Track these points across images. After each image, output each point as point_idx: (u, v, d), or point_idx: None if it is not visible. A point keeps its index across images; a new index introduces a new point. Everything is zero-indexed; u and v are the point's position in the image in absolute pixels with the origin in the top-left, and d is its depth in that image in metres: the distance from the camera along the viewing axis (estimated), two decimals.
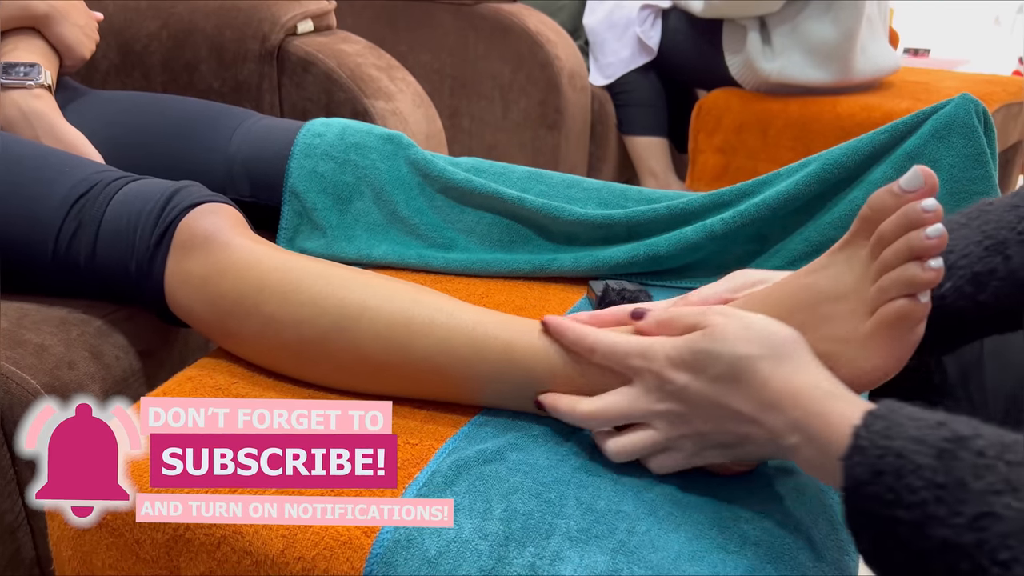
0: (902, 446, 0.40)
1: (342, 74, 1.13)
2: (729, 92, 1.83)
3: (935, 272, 0.49)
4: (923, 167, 0.50)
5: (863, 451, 0.41)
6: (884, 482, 0.39)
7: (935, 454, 0.39)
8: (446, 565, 0.47)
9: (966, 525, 0.37)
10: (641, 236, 0.81)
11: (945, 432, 0.40)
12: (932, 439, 0.39)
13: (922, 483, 0.38)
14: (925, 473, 0.39)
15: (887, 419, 0.41)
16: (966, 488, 0.37)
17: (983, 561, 0.36)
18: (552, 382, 0.58)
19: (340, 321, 0.61)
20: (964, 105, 0.74)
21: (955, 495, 0.37)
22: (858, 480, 0.40)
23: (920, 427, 0.40)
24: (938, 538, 0.37)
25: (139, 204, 0.69)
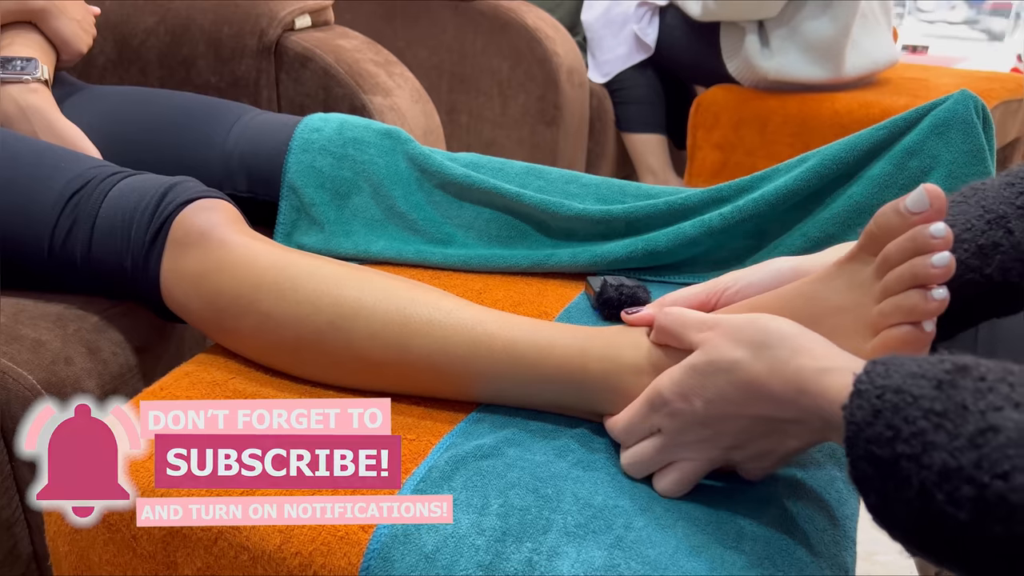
0: (900, 382, 0.39)
1: (340, 69, 1.13)
2: (727, 89, 1.83)
3: (938, 303, 0.48)
4: (930, 186, 0.49)
5: (862, 394, 0.40)
6: (883, 419, 0.38)
7: (935, 384, 0.38)
8: (443, 560, 0.47)
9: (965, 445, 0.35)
10: (639, 231, 0.81)
11: (946, 365, 0.38)
12: (932, 372, 0.38)
13: (920, 412, 0.37)
14: (923, 403, 0.37)
15: (887, 363, 0.40)
16: (966, 410, 0.36)
17: (983, 478, 0.34)
18: (556, 379, 0.58)
19: (336, 320, 0.61)
20: (963, 101, 0.74)
21: (954, 419, 0.36)
22: (858, 424, 0.39)
23: (921, 363, 0.39)
24: (938, 464, 0.36)
25: (134, 200, 0.68)
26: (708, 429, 0.50)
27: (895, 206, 0.50)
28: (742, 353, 0.47)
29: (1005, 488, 0.34)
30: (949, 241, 0.48)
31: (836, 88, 1.76)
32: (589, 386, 0.57)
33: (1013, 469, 0.34)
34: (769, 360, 0.46)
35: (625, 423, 0.54)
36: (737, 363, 0.47)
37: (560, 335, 0.59)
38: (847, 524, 0.55)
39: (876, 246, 0.51)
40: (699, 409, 0.49)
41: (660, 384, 0.52)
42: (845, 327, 0.52)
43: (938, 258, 0.48)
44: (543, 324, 0.60)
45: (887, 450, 0.38)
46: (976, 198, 0.56)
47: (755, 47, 1.74)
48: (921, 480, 0.36)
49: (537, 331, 0.59)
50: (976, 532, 0.35)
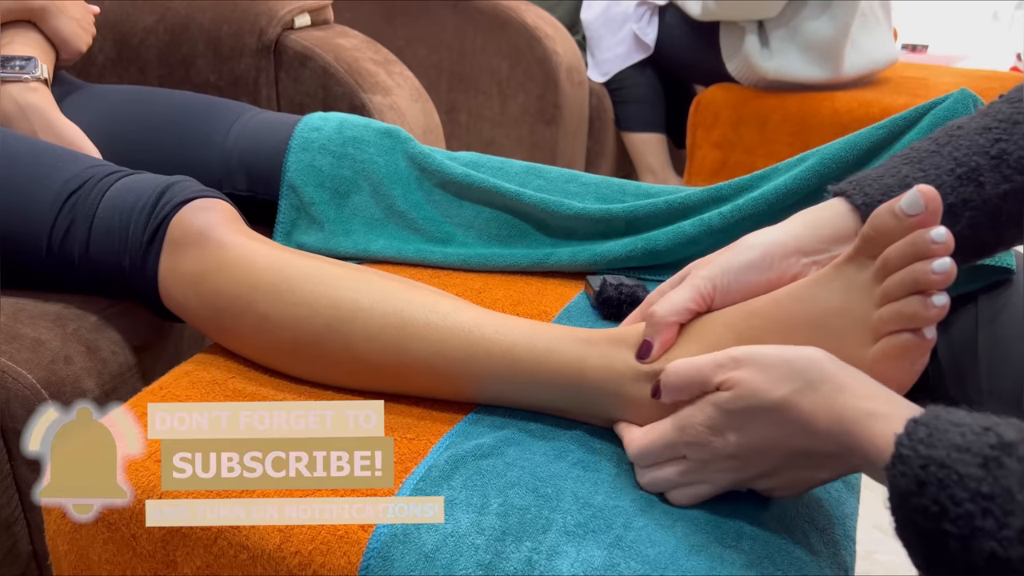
0: (945, 455, 0.38)
1: (339, 68, 1.13)
2: (727, 88, 1.83)
3: (938, 310, 0.47)
4: (924, 187, 0.48)
5: (905, 461, 0.39)
6: (928, 493, 0.38)
7: (980, 463, 0.37)
8: (443, 559, 0.47)
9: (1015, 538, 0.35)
10: (639, 230, 0.81)
11: (990, 439, 0.38)
12: (977, 447, 0.38)
13: (967, 495, 0.37)
14: (970, 484, 0.37)
15: (929, 426, 0.39)
16: (1013, 499, 0.36)
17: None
18: (555, 384, 0.58)
19: (333, 322, 0.61)
20: (963, 100, 0.73)
21: (1002, 506, 0.36)
22: (903, 491, 0.39)
23: (964, 433, 0.38)
24: (986, 551, 0.36)
25: (132, 200, 0.68)
26: (738, 461, 0.49)
27: (890, 208, 0.49)
28: (784, 392, 0.46)
29: None
30: (950, 246, 0.47)
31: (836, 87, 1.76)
32: (588, 391, 0.57)
33: None
34: (813, 397, 0.45)
35: (646, 447, 0.52)
36: (781, 403, 0.46)
37: (559, 340, 0.58)
38: (846, 523, 0.55)
39: (873, 248, 0.50)
40: (731, 443, 0.48)
41: (689, 418, 0.50)
42: (845, 332, 0.51)
43: (938, 264, 0.47)
44: (542, 328, 0.60)
45: (933, 525, 0.38)
46: (949, 147, 0.55)
47: (755, 47, 1.74)
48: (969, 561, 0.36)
49: (536, 335, 0.59)
50: None
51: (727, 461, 0.49)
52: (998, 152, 0.53)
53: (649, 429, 0.53)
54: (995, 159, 0.53)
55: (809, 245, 0.57)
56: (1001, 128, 0.54)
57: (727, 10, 1.72)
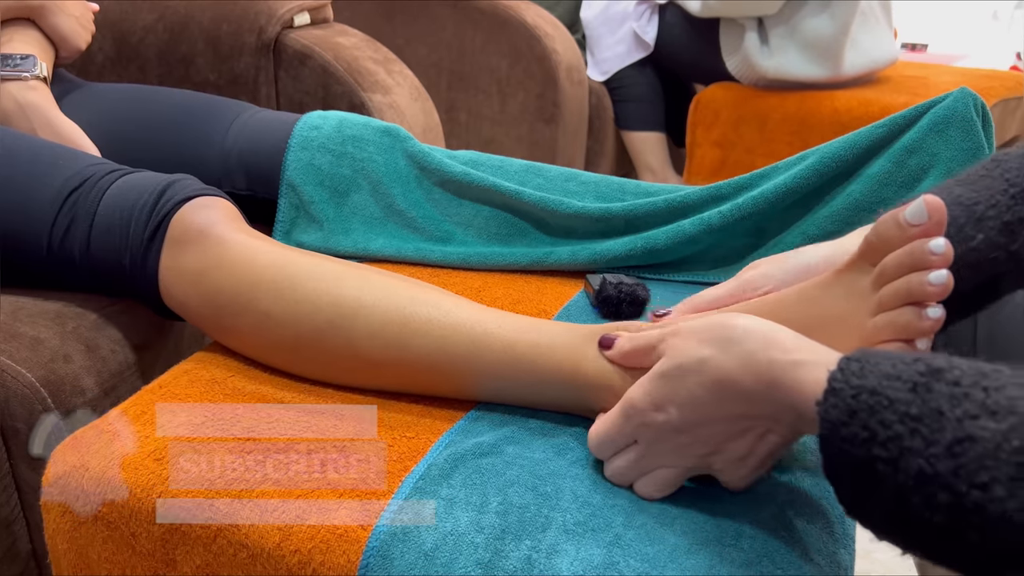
0: (876, 383, 0.38)
1: (339, 67, 1.13)
2: (727, 86, 1.83)
3: (932, 322, 0.47)
4: (930, 197, 0.48)
5: (837, 393, 0.39)
6: (859, 420, 0.38)
7: (910, 387, 0.37)
8: (442, 558, 0.47)
9: (943, 453, 0.35)
10: (639, 229, 0.81)
11: (920, 366, 0.38)
12: (907, 374, 0.38)
13: (896, 417, 0.37)
14: (899, 407, 0.37)
15: (861, 360, 0.40)
16: (942, 416, 0.36)
17: (961, 487, 0.34)
18: (555, 379, 0.58)
19: (335, 319, 0.61)
20: (962, 99, 0.74)
21: (930, 425, 0.36)
22: (833, 423, 0.39)
23: (895, 364, 0.39)
24: (914, 470, 0.36)
25: (132, 198, 0.68)
26: (683, 436, 0.49)
27: (895, 217, 0.49)
28: (709, 351, 0.46)
29: (983, 498, 0.34)
30: (948, 258, 0.47)
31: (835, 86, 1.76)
32: (587, 386, 0.57)
33: (992, 480, 0.34)
34: (738, 355, 0.45)
35: (600, 436, 0.52)
36: (705, 361, 0.46)
37: (559, 335, 0.58)
38: (845, 522, 0.55)
39: (875, 255, 0.50)
40: (673, 416, 0.48)
41: (632, 395, 0.50)
42: (840, 337, 0.51)
43: (935, 276, 0.47)
44: (542, 324, 0.60)
45: (862, 451, 0.38)
46: (1000, 171, 0.55)
47: (754, 45, 1.74)
48: (897, 483, 0.37)
49: (536, 331, 0.59)
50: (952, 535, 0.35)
51: (673, 437, 0.49)
52: None
53: (601, 419, 0.53)
54: None
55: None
56: None
57: (727, 7, 1.72)
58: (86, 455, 0.55)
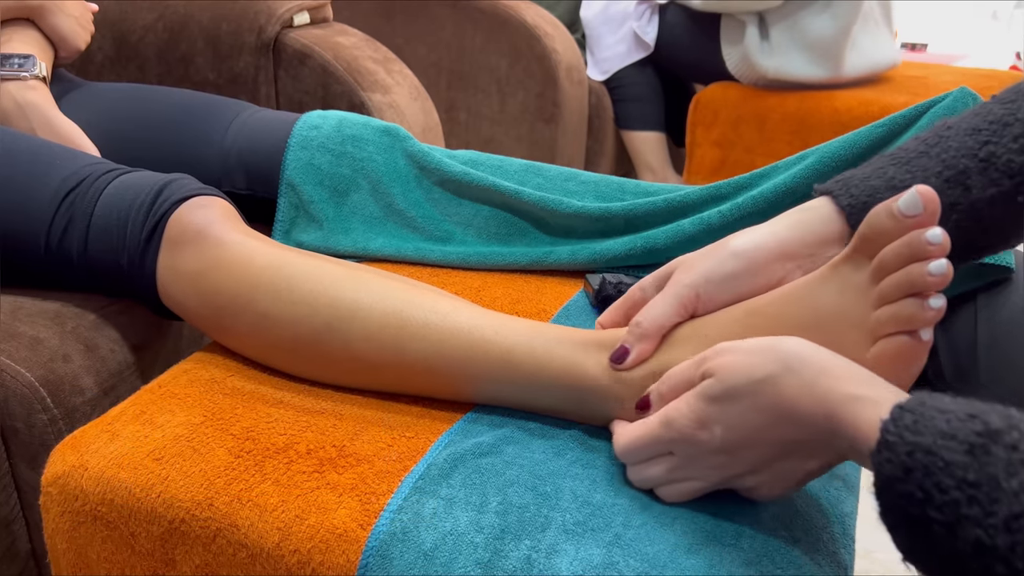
0: (931, 442, 0.37)
1: (338, 67, 1.13)
2: (727, 86, 1.83)
3: (935, 312, 0.47)
4: (923, 187, 0.48)
5: (891, 447, 0.39)
6: (914, 480, 0.37)
7: (966, 450, 0.37)
8: (442, 558, 0.47)
9: (1000, 526, 0.35)
10: (639, 229, 0.81)
11: (976, 426, 0.37)
12: (963, 434, 0.37)
13: (953, 482, 0.36)
14: (956, 471, 0.36)
15: (915, 413, 0.39)
16: (999, 487, 0.35)
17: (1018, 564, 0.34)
18: (554, 386, 0.57)
19: (332, 321, 0.61)
20: (962, 99, 0.73)
21: (988, 494, 0.36)
22: (888, 477, 0.38)
23: (950, 420, 0.38)
24: (972, 539, 0.35)
25: (129, 198, 0.68)
26: (724, 456, 0.48)
27: (888, 207, 0.49)
28: (765, 373, 0.45)
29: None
30: (946, 248, 0.47)
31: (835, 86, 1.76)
32: (586, 395, 0.57)
33: None
34: (795, 381, 0.44)
35: (632, 443, 0.52)
36: (762, 384, 0.45)
37: (558, 343, 0.58)
38: (846, 522, 0.55)
39: (870, 248, 0.50)
40: (717, 437, 0.47)
41: (675, 412, 0.49)
42: (842, 334, 0.51)
43: (935, 266, 0.47)
44: (541, 330, 0.60)
45: (918, 511, 0.37)
46: (938, 149, 0.55)
47: (755, 44, 1.73)
48: (954, 547, 0.36)
49: (535, 337, 0.58)
50: None
51: (714, 456, 0.48)
52: (986, 155, 0.53)
53: (637, 425, 0.52)
54: (983, 162, 0.53)
55: (793, 249, 0.57)
56: (991, 130, 0.54)
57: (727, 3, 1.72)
58: (85, 455, 0.55)
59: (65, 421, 0.66)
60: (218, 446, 0.55)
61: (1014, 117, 0.53)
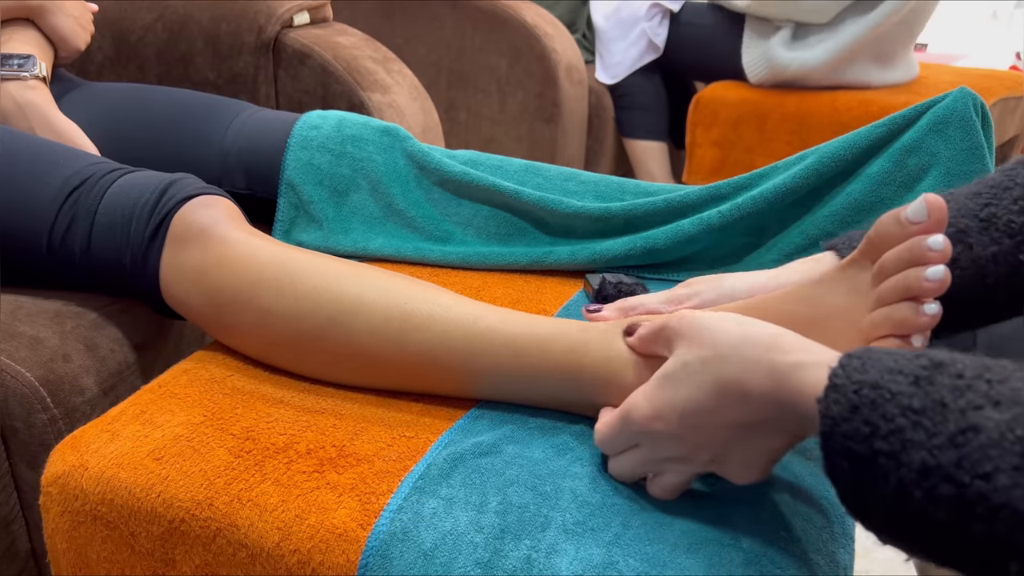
0: (878, 377, 0.38)
1: (338, 66, 1.13)
2: (727, 85, 1.83)
3: (929, 318, 0.47)
4: (932, 196, 0.48)
5: (838, 388, 0.39)
6: (860, 415, 0.37)
7: (912, 381, 0.37)
8: (442, 558, 0.47)
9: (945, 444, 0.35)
10: (638, 229, 0.81)
11: (923, 360, 0.38)
12: (909, 368, 0.38)
13: (899, 410, 0.36)
14: (902, 400, 0.37)
15: (863, 357, 0.39)
16: (945, 408, 0.35)
17: (964, 478, 0.34)
18: (557, 373, 0.58)
19: (336, 316, 0.61)
20: (962, 99, 0.74)
21: (933, 417, 0.35)
22: (834, 419, 0.38)
23: (897, 359, 0.38)
24: (917, 463, 0.35)
25: (134, 196, 0.68)
26: (684, 443, 0.48)
27: (896, 215, 0.49)
28: (711, 353, 0.46)
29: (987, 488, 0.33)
30: (947, 254, 0.47)
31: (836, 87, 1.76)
32: (588, 380, 0.57)
33: (995, 470, 0.33)
34: (740, 358, 0.45)
35: (602, 436, 0.52)
36: (706, 362, 0.46)
37: (560, 330, 0.58)
38: (845, 521, 0.55)
39: (875, 252, 0.50)
40: (673, 424, 0.48)
41: (632, 401, 0.50)
42: (840, 333, 0.51)
43: (932, 271, 0.47)
44: (543, 319, 0.60)
45: (864, 446, 0.37)
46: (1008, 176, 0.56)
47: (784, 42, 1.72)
48: (899, 477, 0.36)
49: (537, 326, 0.59)
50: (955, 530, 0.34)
51: (674, 444, 0.48)
52: (987, 216, 0.54)
53: (605, 419, 0.53)
54: (984, 222, 0.54)
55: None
56: (991, 193, 0.55)
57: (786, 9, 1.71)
58: (85, 454, 0.55)
59: (65, 421, 0.66)
60: (218, 446, 0.55)
61: (1013, 182, 0.55)
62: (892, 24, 1.70)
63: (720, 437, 0.47)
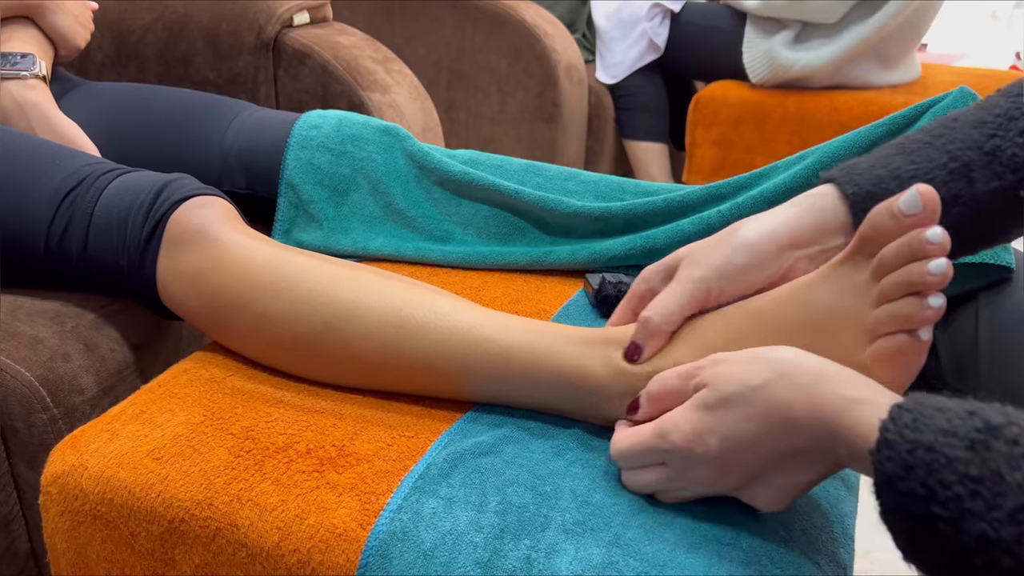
0: (932, 439, 0.37)
1: (338, 66, 1.13)
2: (727, 85, 1.83)
3: (934, 311, 0.47)
4: (923, 186, 0.47)
5: (891, 446, 0.38)
6: (916, 477, 0.37)
7: (967, 446, 0.37)
8: (442, 557, 0.47)
9: (1005, 519, 0.35)
10: (638, 228, 0.81)
11: (976, 422, 0.37)
12: (963, 430, 0.37)
13: (956, 477, 0.36)
14: (958, 466, 0.36)
15: (914, 411, 0.39)
16: (1002, 480, 0.35)
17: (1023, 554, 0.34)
18: (554, 384, 0.57)
19: (331, 320, 0.61)
20: (962, 99, 0.73)
21: (991, 488, 0.35)
22: (889, 476, 0.38)
23: (950, 418, 0.38)
24: (976, 533, 0.35)
25: (129, 198, 0.68)
26: (716, 468, 0.48)
27: (888, 207, 0.48)
28: (761, 380, 0.45)
29: None
30: (946, 247, 0.47)
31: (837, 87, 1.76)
32: (587, 392, 0.57)
33: None
34: (792, 387, 0.44)
35: (626, 449, 0.51)
36: (756, 392, 0.45)
37: (558, 341, 0.58)
38: (845, 522, 0.55)
39: (870, 247, 0.50)
40: (712, 448, 0.47)
41: (670, 422, 0.49)
42: (842, 332, 0.51)
43: (934, 265, 0.47)
44: (541, 328, 0.60)
45: (921, 507, 0.37)
46: (943, 140, 0.54)
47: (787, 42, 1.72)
48: (959, 543, 0.36)
49: (535, 336, 0.58)
50: None
51: (707, 468, 0.48)
52: (992, 148, 0.53)
53: (632, 432, 0.52)
54: (988, 155, 0.53)
55: (801, 237, 0.57)
56: (996, 123, 0.54)
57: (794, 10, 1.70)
58: (85, 454, 0.55)
59: (65, 421, 0.66)
60: (218, 445, 0.55)
61: (1020, 111, 0.53)
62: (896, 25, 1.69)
63: (755, 465, 0.47)
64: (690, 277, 0.57)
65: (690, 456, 0.48)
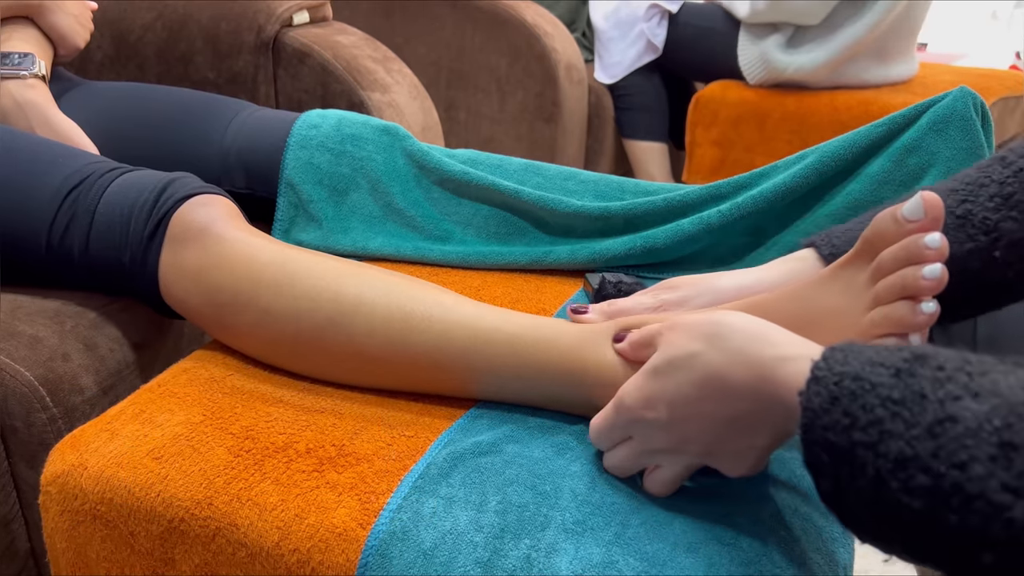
0: (859, 369, 0.38)
1: (338, 66, 1.13)
2: (726, 85, 1.83)
3: (926, 317, 0.47)
4: (928, 193, 0.48)
5: (819, 381, 0.39)
6: (840, 406, 0.37)
7: (893, 372, 0.37)
8: (442, 557, 0.47)
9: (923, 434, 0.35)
10: (638, 228, 0.81)
11: (904, 353, 0.38)
12: (891, 360, 0.38)
13: (878, 401, 0.36)
14: (882, 391, 0.37)
15: (846, 350, 0.39)
16: (924, 399, 0.35)
17: (939, 467, 0.34)
18: (556, 373, 0.58)
19: (335, 316, 0.61)
20: (962, 98, 0.74)
21: (912, 408, 0.35)
22: (815, 411, 0.38)
23: (879, 351, 0.38)
24: (894, 452, 0.35)
25: (132, 196, 0.68)
26: (673, 435, 0.48)
27: (892, 213, 0.49)
28: (698, 346, 0.46)
29: (962, 478, 0.33)
30: (943, 253, 0.47)
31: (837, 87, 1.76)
32: (588, 381, 0.57)
33: (971, 459, 0.33)
34: (726, 351, 0.45)
35: (596, 429, 0.53)
36: (694, 356, 0.46)
37: (560, 330, 0.58)
38: None
39: (872, 251, 0.50)
40: (662, 414, 0.48)
41: (624, 391, 0.50)
42: (838, 333, 0.51)
43: (929, 270, 0.47)
44: (543, 320, 0.60)
45: (843, 437, 0.37)
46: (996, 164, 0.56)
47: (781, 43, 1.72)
48: (876, 468, 0.36)
49: (537, 327, 0.59)
50: (929, 521, 0.34)
51: (664, 435, 0.49)
52: (963, 212, 0.55)
53: (600, 412, 0.53)
54: (960, 219, 0.55)
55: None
56: (967, 190, 0.56)
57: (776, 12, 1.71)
58: (84, 454, 0.55)
59: (64, 420, 0.66)
60: (217, 445, 0.55)
61: (989, 179, 0.55)
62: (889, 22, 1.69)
63: (708, 429, 0.47)
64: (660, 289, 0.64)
65: (645, 423, 0.49)
